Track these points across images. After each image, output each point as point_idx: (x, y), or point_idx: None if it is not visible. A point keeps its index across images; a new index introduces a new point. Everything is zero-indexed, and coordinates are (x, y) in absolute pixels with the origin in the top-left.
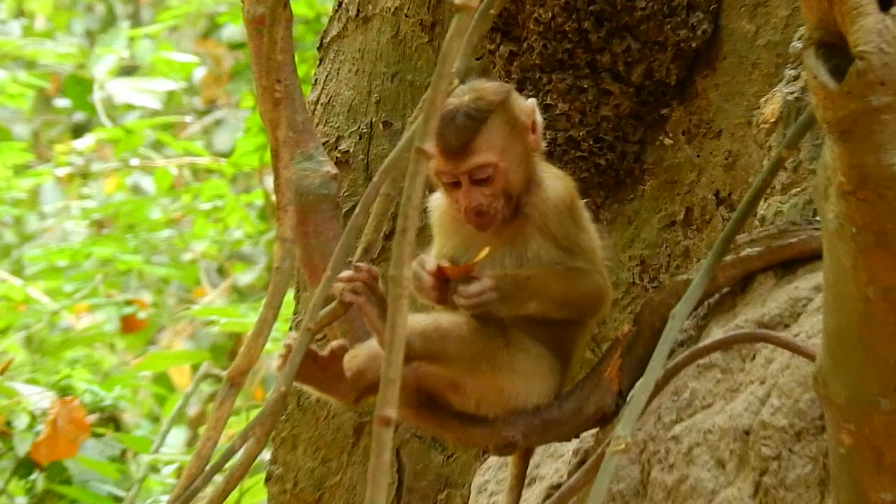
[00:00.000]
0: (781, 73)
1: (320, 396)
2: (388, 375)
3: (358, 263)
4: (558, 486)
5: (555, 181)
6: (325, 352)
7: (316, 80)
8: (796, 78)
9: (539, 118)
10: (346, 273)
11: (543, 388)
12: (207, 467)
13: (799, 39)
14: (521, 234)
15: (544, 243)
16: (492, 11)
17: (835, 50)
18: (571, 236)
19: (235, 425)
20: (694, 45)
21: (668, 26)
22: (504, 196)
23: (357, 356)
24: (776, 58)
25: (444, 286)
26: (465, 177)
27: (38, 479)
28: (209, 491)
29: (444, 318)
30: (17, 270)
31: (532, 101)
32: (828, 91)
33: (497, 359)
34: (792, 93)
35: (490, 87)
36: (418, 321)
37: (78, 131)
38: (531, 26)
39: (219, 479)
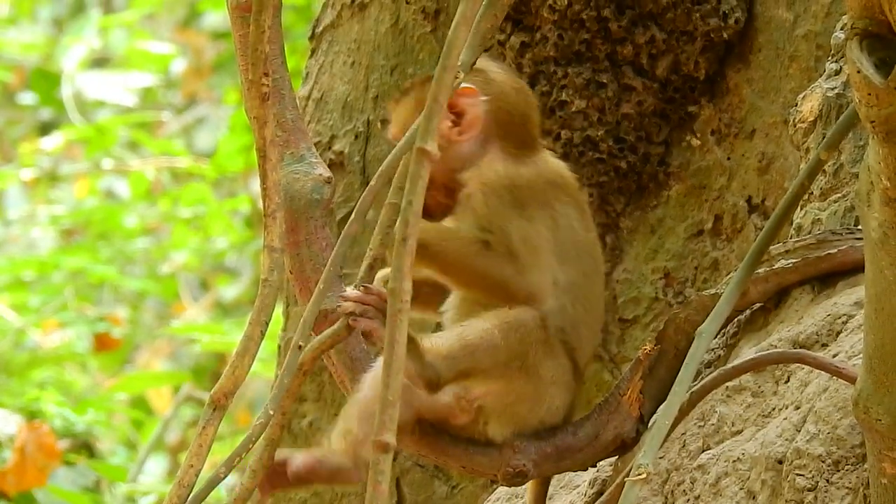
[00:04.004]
0: (822, 66)
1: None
2: (387, 397)
3: (367, 285)
4: None
5: (500, 162)
6: (292, 468)
7: (307, 74)
8: (838, 72)
9: (466, 102)
10: (354, 293)
11: (556, 402)
12: (189, 498)
13: (841, 29)
14: (451, 211)
15: (464, 219)
16: None
17: (881, 41)
18: (496, 218)
19: (219, 453)
20: (725, 35)
21: (697, 15)
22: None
23: (348, 430)
24: (816, 50)
25: None
26: None
27: None
28: None
29: (469, 331)
30: None
31: (462, 84)
32: (872, 87)
33: (527, 358)
34: (833, 89)
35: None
36: (441, 342)
37: (45, 130)
38: (545, 14)
39: None
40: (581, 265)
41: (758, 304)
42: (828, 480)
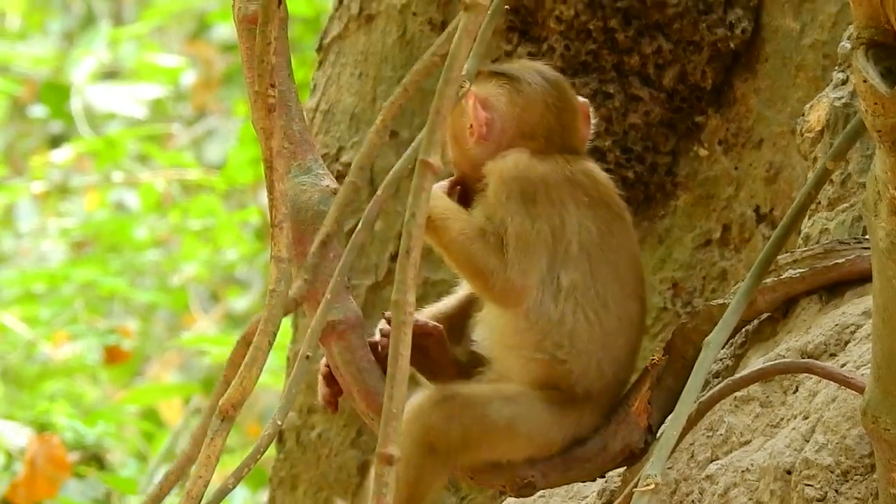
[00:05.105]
0: (828, 76)
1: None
2: (391, 409)
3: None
4: None
5: (517, 156)
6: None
7: (315, 86)
8: (845, 82)
9: (472, 109)
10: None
11: (543, 445)
12: None
13: (848, 39)
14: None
15: (478, 207)
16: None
17: (887, 51)
18: (500, 209)
19: (229, 464)
20: (732, 45)
21: (704, 25)
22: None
23: None
24: (823, 59)
25: None
26: None
27: None
28: None
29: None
30: None
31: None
32: (879, 96)
33: (485, 420)
34: (840, 98)
35: None
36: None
37: (55, 142)
38: (552, 25)
39: None
40: (593, 270)
41: (765, 314)
42: (836, 491)
